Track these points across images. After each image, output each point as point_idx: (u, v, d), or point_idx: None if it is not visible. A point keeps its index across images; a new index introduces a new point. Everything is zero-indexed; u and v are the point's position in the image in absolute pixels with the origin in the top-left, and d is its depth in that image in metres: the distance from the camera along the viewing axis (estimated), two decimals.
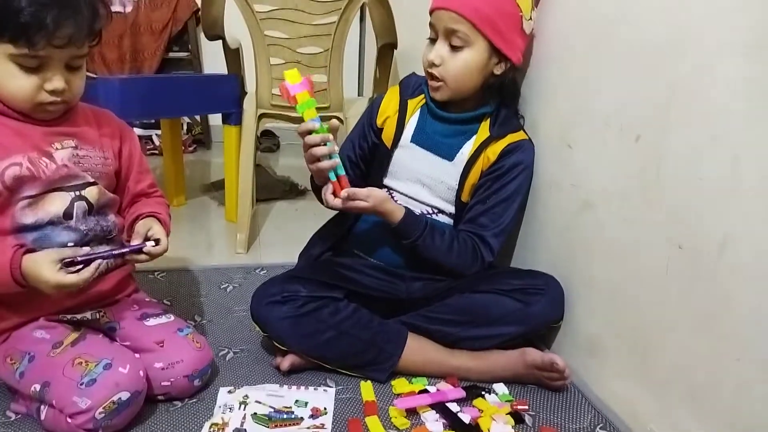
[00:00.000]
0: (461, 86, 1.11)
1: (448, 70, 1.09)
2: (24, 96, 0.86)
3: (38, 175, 0.88)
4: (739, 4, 0.72)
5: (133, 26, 3.15)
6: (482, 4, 1.06)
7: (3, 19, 0.80)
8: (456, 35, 1.07)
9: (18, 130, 0.89)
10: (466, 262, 1.12)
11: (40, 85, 0.85)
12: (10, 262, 0.82)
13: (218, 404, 0.97)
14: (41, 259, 0.83)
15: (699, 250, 0.79)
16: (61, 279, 0.82)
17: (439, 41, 1.09)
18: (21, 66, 0.83)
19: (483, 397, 1.01)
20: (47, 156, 0.90)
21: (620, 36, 0.94)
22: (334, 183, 1.03)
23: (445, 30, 1.08)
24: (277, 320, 1.04)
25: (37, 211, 0.90)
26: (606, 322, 1.01)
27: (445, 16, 1.07)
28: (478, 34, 1.07)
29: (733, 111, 0.73)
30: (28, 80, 0.85)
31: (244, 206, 1.74)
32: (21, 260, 0.82)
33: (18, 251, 0.83)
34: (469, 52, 1.08)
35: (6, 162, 0.86)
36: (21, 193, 0.88)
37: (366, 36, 2.97)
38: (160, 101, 1.75)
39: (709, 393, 0.79)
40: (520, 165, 1.13)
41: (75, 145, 0.94)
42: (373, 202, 1.04)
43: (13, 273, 0.82)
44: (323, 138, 1.00)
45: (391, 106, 1.20)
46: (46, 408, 0.86)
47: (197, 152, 3.27)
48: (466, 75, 1.10)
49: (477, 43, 1.07)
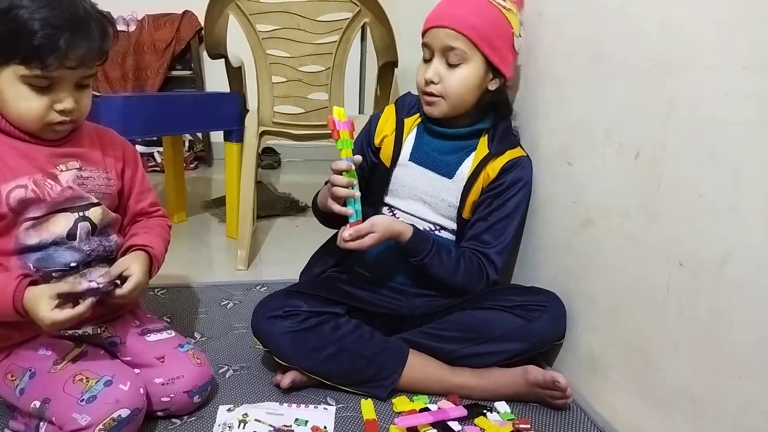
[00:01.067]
0: (459, 103, 1.12)
1: (447, 86, 1.10)
2: (34, 116, 0.86)
3: (43, 197, 0.89)
4: (738, 19, 0.73)
5: (137, 45, 3.19)
6: (478, 21, 1.08)
7: (16, 42, 0.81)
8: (453, 52, 1.08)
9: (24, 152, 0.89)
10: (472, 280, 1.12)
11: (50, 105, 0.86)
12: (13, 294, 0.82)
13: (217, 422, 0.96)
14: (40, 295, 0.82)
15: (700, 267, 0.79)
16: (56, 317, 0.81)
17: (436, 59, 1.10)
18: (32, 86, 0.84)
19: (485, 415, 1.00)
20: (52, 178, 0.91)
21: (619, 52, 0.95)
22: (352, 224, 1.05)
23: (442, 48, 1.09)
24: (278, 335, 1.04)
25: (41, 232, 0.90)
26: (607, 338, 1.00)
27: (441, 33, 1.08)
28: (475, 50, 1.08)
29: (732, 127, 0.73)
30: (39, 101, 0.85)
31: (244, 223, 1.75)
32: (24, 293, 0.82)
33: (22, 282, 0.83)
34: (467, 68, 1.09)
35: (12, 184, 0.87)
36: (25, 215, 0.88)
37: (367, 55, 2.99)
38: (163, 119, 1.76)
39: (711, 410, 0.78)
40: (520, 181, 1.14)
41: (79, 166, 0.94)
42: (380, 230, 1.05)
43: (16, 305, 0.82)
44: (349, 182, 1.04)
45: (388, 126, 1.21)
46: (45, 425, 0.85)
47: (199, 169, 3.28)
48: (464, 91, 1.11)
49: (474, 59, 1.09)
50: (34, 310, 0.82)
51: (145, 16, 3.22)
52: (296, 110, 1.79)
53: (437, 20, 1.09)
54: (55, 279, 0.91)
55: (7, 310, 0.83)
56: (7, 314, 0.83)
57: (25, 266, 0.89)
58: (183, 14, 3.24)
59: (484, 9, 1.09)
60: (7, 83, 0.84)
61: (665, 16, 0.85)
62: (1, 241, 0.88)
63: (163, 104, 1.87)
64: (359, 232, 1.04)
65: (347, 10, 1.68)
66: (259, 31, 1.69)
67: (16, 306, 0.82)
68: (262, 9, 1.68)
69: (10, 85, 0.84)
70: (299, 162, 3.54)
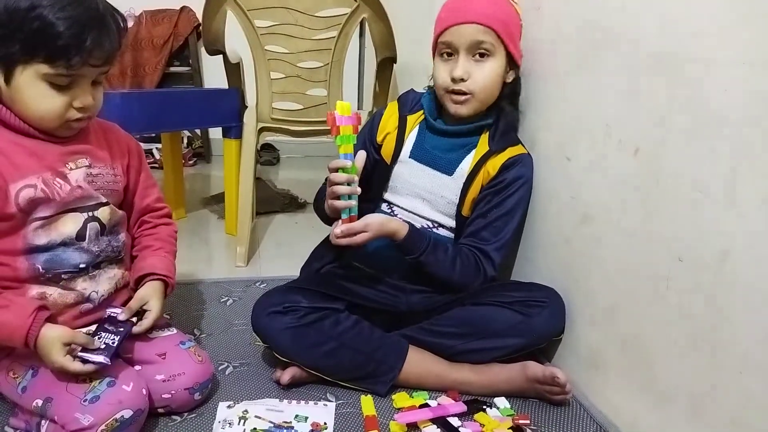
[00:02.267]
0: (487, 97, 1.13)
1: (476, 81, 1.10)
2: (54, 114, 0.86)
3: (52, 197, 0.88)
4: (738, 17, 0.72)
5: (135, 41, 3.18)
6: (500, 14, 1.10)
7: (41, 41, 0.80)
8: (482, 46, 1.09)
9: (32, 150, 0.88)
10: (469, 277, 1.12)
11: (69, 102, 0.86)
12: (27, 330, 0.82)
13: (217, 419, 0.96)
14: (54, 340, 0.83)
15: (699, 263, 0.79)
16: (67, 365, 0.83)
17: (462, 56, 1.10)
18: (52, 85, 0.84)
19: (484, 411, 1.00)
20: (61, 177, 0.90)
21: (619, 49, 0.95)
22: (345, 220, 1.05)
23: (469, 44, 1.09)
24: (278, 331, 1.04)
25: (50, 232, 0.89)
26: (606, 334, 1.01)
27: (469, 29, 1.08)
28: (500, 43, 1.10)
29: (732, 123, 0.73)
30: (59, 99, 0.85)
31: (243, 219, 1.74)
32: (39, 331, 0.82)
33: (38, 316, 0.83)
34: (494, 61, 1.11)
35: (20, 183, 0.86)
36: (34, 215, 0.88)
37: (366, 50, 2.99)
38: (161, 115, 1.75)
39: (710, 406, 0.78)
40: (520, 179, 1.14)
41: (88, 163, 0.94)
42: (373, 229, 1.05)
43: (29, 342, 0.82)
44: (348, 179, 1.03)
45: (391, 123, 1.21)
46: (47, 424, 0.85)
47: (197, 166, 3.28)
48: (492, 84, 1.12)
49: (499, 52, 1.11)
50: (46, 352, 0.83)
51: (143, 12, 3.21)
52: (295, 106, 1.79)
53: (462, 17, 1.09)
54: (65, 280, 0.91)
55: (17, 342, 0.83)
56: (14, 343, 0.84)
57: (34, 267, 0.88)
58: (181, 10, 3.23)
59: (500, 3, 1.11)
60: (28, 82, 0.83)
61: (665, 12, 0.84)
62: (8, 240, 0.87)
63: (162, 101, 1.86)
64: (351, 229, 1.04)
65: (346, 5, 1.67)
66: (257, 26, 1.68)
67: (28, 343, 0.82)
68: (260, 5, 1.67)
69: (30, 84, 0.83)
70: (298, 158, 3.54)
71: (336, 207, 1.05)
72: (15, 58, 0.81)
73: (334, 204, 1.05)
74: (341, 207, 1.04)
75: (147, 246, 1.04)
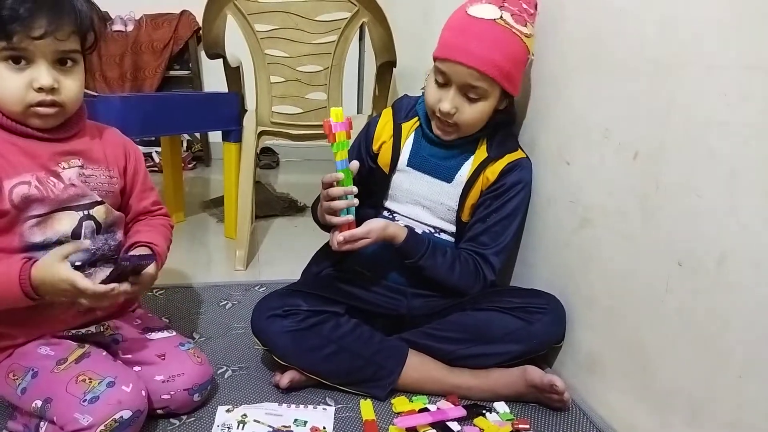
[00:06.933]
0: (472, 130, 1.13)
1: (464, 119, 1.09)
2: (14, 96, 0.85)
3: (46, 194, 0.89)
4: (737, 20, 0.73)
5: (135, 45, 3.19)
6: (501, 59, 1.04)
7: None
8: (475, 91, 1.06)
9: (25, 149, 0.89)
10: (468, 281, 1.12)
11: (28, 83, 0.85)
12: (18, 275, 0.82)
13: (216, 423, 0.96)
14: (49, 260, 0.83)
15: (698, 267, 0.79)
16: (76, 278, 0.82)
17: (454, 92, 1.07)
18: (8, 64, 0.84)
19: (484, 415, 1.00)
20: (54, 175, 0.90)
21: (618, 52, 0.95)
22: (343, 228, 1.05)
23: (462, 84, 1.06)
24: (277, 334, 1.04)
25: (45, 230, 0.89)
26: (605, 338, 1.00)
27: (463, 71, 1.04)
28: (495, 86, 1.07)
29: (731, 127, 0.73)
30: (18, 79, 0.84)
31: (243, 223, 1.74)
32: (30, 271, 0.82)
33: (26, 263, 0.83)
34: (485, 103, 1.08)
35: (14, 180, 0.86)
36: (29, 212, 0.88)
37: (365, 54, 2.99)
38: (161, 119, 1.75)
39: (709, 410, 0.78)
40: (520, 183, 1.14)
41: (81, 164, 0.94)
42: (374, 235, 1.06)
43: (23, 285, 0.82)
44: (345, 191, 1.03)
45: (386, 131, 1.20)
46: (45, 425, 0.85)
47: (197, 169, 3.28)
48: (479, 121, 1.11)
49: (493, 94, 1.08)
50: (50, 276, 0.82)
51: (143, 15, 3.22)
52: (294, 110, 1.79)
53: (460, 56, 1.04)
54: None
55: (14, 292, 0.82)
56: (15, 298, 0.83)
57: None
58: (181, 14, 3.24)
59: (506, 43, 1.06)
60: None
61: (664, 15, 0.85)
62: (5, 238, 0.88)
63: (161, 104, 1.87)
64: (353, 236, 1.05)
65: (346, 9, 1.68)
66: (257, 30, 1.68)
67: (23, 286, 0.82)
68: (260, 9, 1.68)
69: None
70: (298, 162, 3.54)
71: (336, 223, 1.05)
72: None
73: (332, 220, 1.05)
74: (340, 223, 1.05)
75: (138, 230, 1.03)
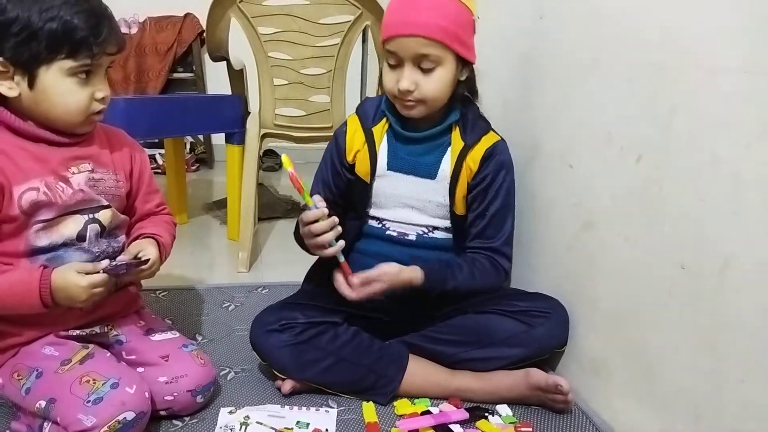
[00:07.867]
0: (437, 103, 1.08)
1: (425, 92, 1.05)
2: (80, 108, 0.90)
3: (55, 200, 0.90)
4: (739, 24, 0.73)
5: (138, 47, 3.20)
6: (446, 22, 1.01)
7: (61, 38, 0.85)
8: (427, 59, 1.03)
9: (35, 154, 0.90)
10: (491, 279, 1.12)
11: (92, 95, 0.90)
12: (39, 282, 0.85)
13: (219, 425, 0.96)
14: (66, 268, 0.87)
15: (702, 270, 0.79)
16: (91, 278, 0.86)
17: (408, 67, 1.04)
18: (77, 79, 0.88)
19: (486, 418, 1.00)
20: (64, 181, 0.91)
21: (620, 55, 0.95)
22: (343, 264, 1.03)
23: (413, 56, 1.03)
24: (275, 349, 1.04)
25: (51, 234, 0.90)
26: (609, 342, 1.00)
27: (411, 42, 1.01)
28: (447, 51, 1.03)
29: (734, 130, 0.73)
30: (84, 92, 0.89)
31: (246, 225, 1.75)
32: (50, 279, 0.85)
33: (46, 271, 0.86)
34: (442, 70, 1.04)
35: (24, 186, 0.87)
36: (36, 217, 0.89)
37: (368, 57, 3.00)
38: (164, 121, 1.76)
39: (712, 414, 0.78)
40: (503, 169, 1.12)
41: (91, 168, 0.95)
42: (388, 279, 1.03)
43: (42, 294, 0.85)
44: (330, 224, 0.99)
45: (357, 139, 1.15)
46: (49, 425, 0.86)
47: (200, 171, 3.29)
48: (442, 90, 1.06)
49: (447, 59, 1.04)
50: (66, 283, 0.85)
51: (147, 18, 3.23)
52: (298, 113, 1.80)
53: (404, 29, 1.01)
54: None
55: (32, 300, 0.85)
56: (32, 305, 0.86)
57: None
58: (185, 17, 3.25)
59: (444, 5, 1.02)
60: (54, 80, 0.87)
61: (666, 19, 0.85)
62: (11, 242, 0.89)
63: (165, 106, 1.87)
64: (368, 279, 1.02)
65: (349, 12, 1.68)
66: (260, 33, 1.69)
67: (42, 294, 0.85)
68: (263, 12, 1.68)
69: (57, 82, 0.87)
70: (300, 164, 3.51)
71: (327, 255, 1.01)
72: (40, 58, 0.85)
73: (325, 253, 1.01)
74: (333, 253, 1.01)
75: (142, 226, 1.05)
